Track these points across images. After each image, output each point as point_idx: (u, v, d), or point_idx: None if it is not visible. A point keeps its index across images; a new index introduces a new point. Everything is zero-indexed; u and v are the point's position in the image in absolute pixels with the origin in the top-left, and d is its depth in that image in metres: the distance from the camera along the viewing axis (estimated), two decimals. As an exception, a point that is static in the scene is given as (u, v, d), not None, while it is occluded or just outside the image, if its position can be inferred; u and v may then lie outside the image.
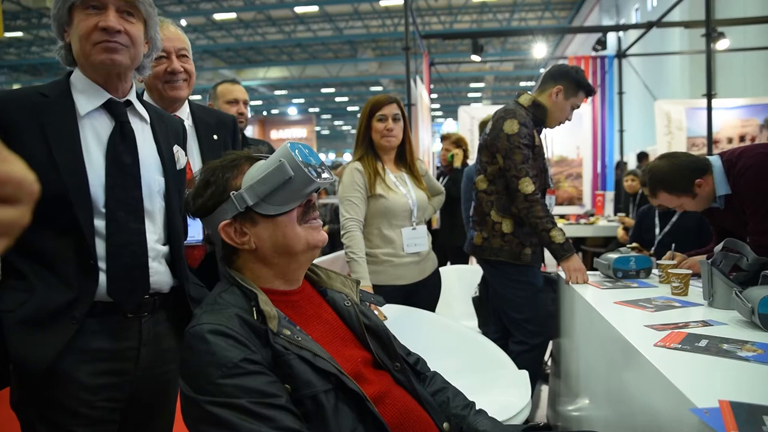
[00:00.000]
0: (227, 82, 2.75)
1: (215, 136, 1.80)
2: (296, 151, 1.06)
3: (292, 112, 27.60)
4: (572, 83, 2.39)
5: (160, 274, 1.29)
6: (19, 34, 17.46)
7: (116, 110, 1.25)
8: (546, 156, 2.52)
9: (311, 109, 29.81)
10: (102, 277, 1.18)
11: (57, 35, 1.24)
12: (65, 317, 1.15)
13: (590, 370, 1.89)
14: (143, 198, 1.25)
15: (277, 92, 26.50)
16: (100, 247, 1.19)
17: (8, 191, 0.38)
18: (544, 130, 2.52)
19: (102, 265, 1.19)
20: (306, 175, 1.04)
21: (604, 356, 1.68)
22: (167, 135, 1.39)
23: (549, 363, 2.76)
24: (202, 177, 1.13)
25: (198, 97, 15.31)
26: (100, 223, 1.19)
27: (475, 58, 6.49)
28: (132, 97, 1.30)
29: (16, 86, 20.27)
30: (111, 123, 1.25)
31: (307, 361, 0.99)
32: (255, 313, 1.02)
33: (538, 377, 2.59)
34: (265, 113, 28.82)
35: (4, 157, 0.39)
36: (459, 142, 4.28)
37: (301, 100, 28.47)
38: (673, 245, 2.39)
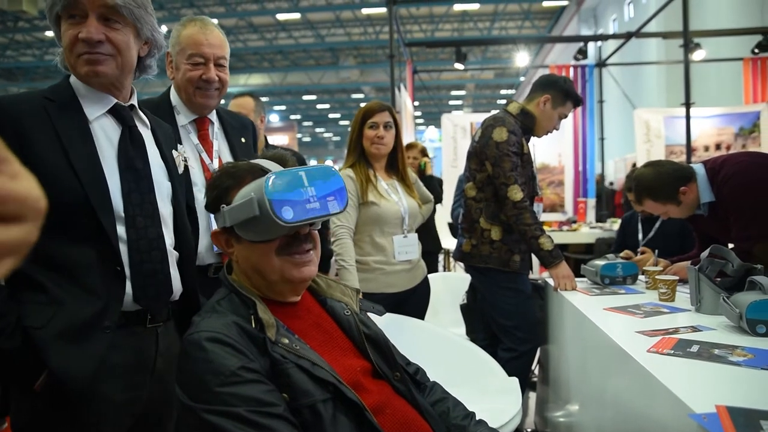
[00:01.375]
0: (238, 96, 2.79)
1: (243, 139, 1.81)
2: (273, 184, 1.00)
3: (274, 119, 27.43)
4: (560, 93, 2.42)
5: (176, 280, 1.28)
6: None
7: (123, 115, 1.24)
8: (533, 163, 2.55)
9: (293, 117, 29.71)
10: (127, 285, 1.17)
11: (57, 40, 1.21)
12: (96, 328, 1.11)
13: (581, 377, 1.91)
14: (156, 201, 1.24)
15: (259, 99, 26.33)
16: (123, 253, 1.16)
17: (10, 209, 0.36)
18: (532, 138, 2.55)
19: (126, 271, 1.17)
20: (271, 218, 0.99)
21: (596, 362, 1.70)
22: (166, 139, 1.38)
23: (536, 370, 2.77)
24: (214, 177, 1.13)
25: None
26: (120, 229, 1.17)
27: (459, 66, 6.55)
28: (134, 101, 1.29)
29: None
30: (118, 128, 1.23)
31: (305, 370, 0.98)
32: (253, 321, 1.01)
33: (526, 384, 2.60)
34: (246, 120, 28.59)
35: (14, 172, 0.37)
36: (424, 151, 4.39)
37: (283, 107, 28.37)
38: (656, 251, 2.43)
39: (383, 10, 13.13)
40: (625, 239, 3.68)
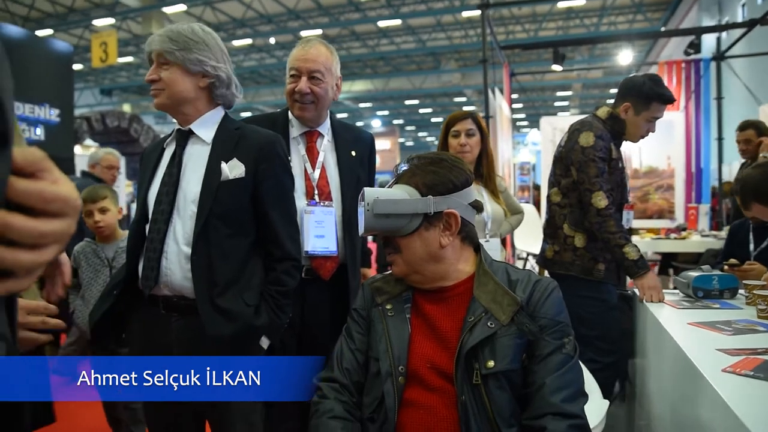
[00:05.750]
0: None
1: (353, 152, 1.91)
2: None
3: (376, 124, 28.08)
4: (640, 98, 2.30)
5: (174, 274, 1.47)
6: (129, 59, 19.03)
7: (179, 138, 1.58)
8: (625, 169, 2.44)
9: (395, 121, 30.17)
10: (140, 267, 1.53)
11: None
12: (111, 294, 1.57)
13: (661, 395, 1.81)
14: (175, 204, 1.50)
15: (362, 105, 27.07)
16: (147, 244, 1.52)
17: (56, 207, 0.46)
18: (626, 143, 2.44)
19: (143, 257, 1.52)
20: None
21: (673, 380, 1.61)
22: (230, 152, 1.52)
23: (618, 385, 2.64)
24: None
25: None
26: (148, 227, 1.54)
27: (556, 68, 6.33)
28: (196, 125, 1.54)
29: (126, 106, 22.18)
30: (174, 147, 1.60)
31: (376, 333, 1.25)
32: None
33: (609, 398, 2.49)
34: (349, 126, 29.58)
35: (55, 178, 0.47)
36: None
37: (386, 113, 28.89)
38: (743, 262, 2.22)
39: (483, 12, 12.93)
40: (733, 250, 3.38)
